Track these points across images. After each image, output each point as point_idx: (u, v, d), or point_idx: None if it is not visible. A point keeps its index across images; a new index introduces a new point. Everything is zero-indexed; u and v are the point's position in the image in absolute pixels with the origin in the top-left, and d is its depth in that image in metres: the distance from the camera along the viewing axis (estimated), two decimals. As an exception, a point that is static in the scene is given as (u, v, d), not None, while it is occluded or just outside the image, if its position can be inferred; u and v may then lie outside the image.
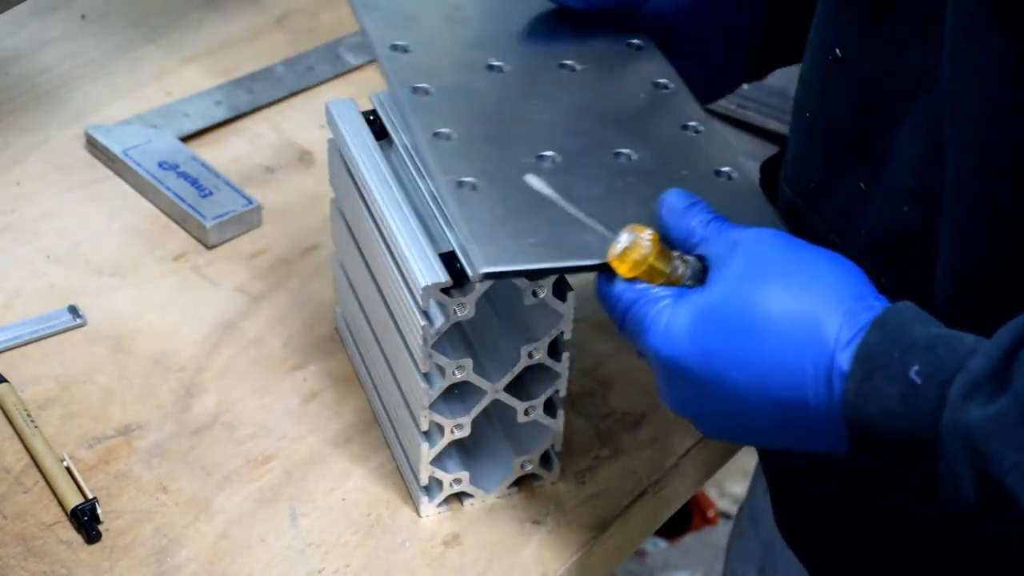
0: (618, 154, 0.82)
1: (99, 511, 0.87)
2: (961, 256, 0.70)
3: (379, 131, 0.90)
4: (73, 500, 0.87)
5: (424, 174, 0.84)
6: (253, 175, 1.15)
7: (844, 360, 0.66)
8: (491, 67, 0.87)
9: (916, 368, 0.65)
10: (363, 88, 1.24)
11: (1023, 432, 0.60)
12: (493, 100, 0.86)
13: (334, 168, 0.94)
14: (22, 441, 0.92)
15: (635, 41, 0.91)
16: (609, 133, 0.84)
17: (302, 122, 1.21)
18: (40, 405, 0.95)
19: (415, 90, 0.85)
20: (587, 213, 0.76)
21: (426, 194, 0.85)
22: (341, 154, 0.91)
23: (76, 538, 0.87)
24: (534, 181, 0.78)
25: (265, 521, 0.89)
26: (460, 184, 0.78)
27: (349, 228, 0.93)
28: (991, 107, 0.65)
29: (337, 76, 1.26)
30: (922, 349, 0.65)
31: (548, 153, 0.81)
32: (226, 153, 1.17)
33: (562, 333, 0.84)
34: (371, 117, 0.90)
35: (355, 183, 0.89)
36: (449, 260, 0.81)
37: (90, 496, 0.88)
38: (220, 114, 1.20)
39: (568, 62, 0.89)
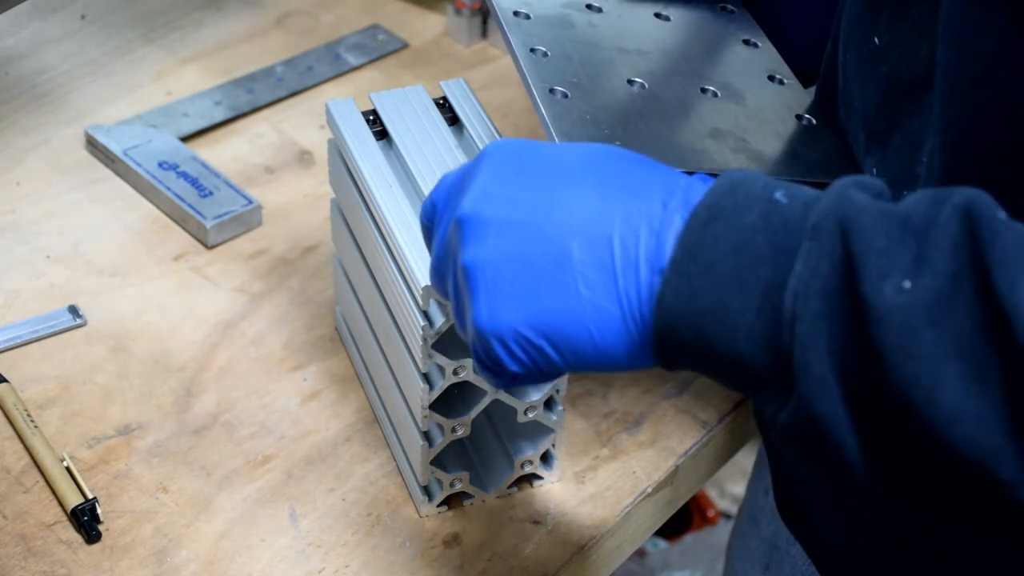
0: (704, 90, 0.87)
1: (99, 511, 0.87)
2: None
3: (379, 131, 0.90)
4: (73, 500, 0.87)
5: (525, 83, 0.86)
6: (253, 175, 1.15)
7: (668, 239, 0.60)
8: (590, 7, 0.92)
9: (781, 192, 0.60)
10: (363, 88, 1.24)
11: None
12: (589, 32, 0.90)
13: (334, 168, 0.94)
14: (22, 441, 0.92)
15: (729, 6, 0.96)
16: (697, 72, 0.88)
17: (302, 122, 1.21)
18: (40, 405, 0.95)
19: (516, 14, 0.89)
20: (664, 131, 0.82)
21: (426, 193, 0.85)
22: (341, 154, 0.92)
23: (76, 538, 0.87)
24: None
25: (265, 521, 0.89)
26: (552, 91, 0.82)
27: (349, 228, 0.93)
28: (995, 92, 0.65)
29: (337, 76, 1.26)
30: (784, 184, 0.61)
31: (637, 79, 0.86)
32: (226, 153, 1.17)
33: (562, 333, 0.84)
34: (371, 117, 0.91)
35: (355, 183, 0.89)
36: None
37: (90, 496, 0.88)
38: (220, 114, 1.20)
39: (663, 12, 0.94)
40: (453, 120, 0.91)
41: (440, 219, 0.68)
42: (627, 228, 0.61)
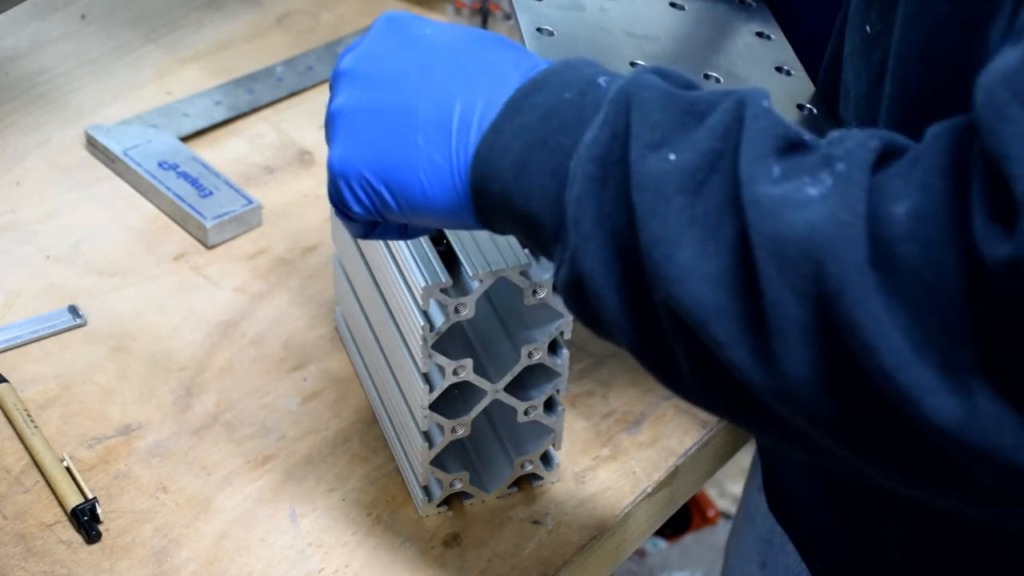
0: (707, 76, 0.87)
1: (99, 511, 0.87)
2: None
3: None
4: (73, 500, 0.87)
5: None
6: (253, 175, 1.15)
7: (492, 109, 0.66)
8: None
9: (605, 78, 0.65)
10: (363, 88, 1.24)
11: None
12: (599, 16, 0.90)
13: (334, 168, 0.94)
14: (22, 441, 0.92)
15: (748, 0, 0.96)
16: (703, 60, 0.89)
17: (302, 122, 1.21)
18: (40, 405, 0.95)
19: None
20: None
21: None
22: (341, 154, 0.91)
23: (76, 538, 0.87)
24: None
25: (265, 521, 0.89)
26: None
27: (349, 228, 0.93)
28: (930, 72, 0.67)
29: (337, 76, 1.26)
30: (614, 73, 0.65)
31: (640, 62, 0.86)
32: (226, 153, 1.17)
33: (562, 333, 0.84)
34: None
35: (355, 183, 0.89)
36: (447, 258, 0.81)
37: (90, 496, 0.88)
38: (220, 114, 1.20)
39: (679, 1, 0.94)
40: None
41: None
42: (469, 94, 0.67)
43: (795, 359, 0.56)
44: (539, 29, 0.86)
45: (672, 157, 0.60)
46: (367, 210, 0.70)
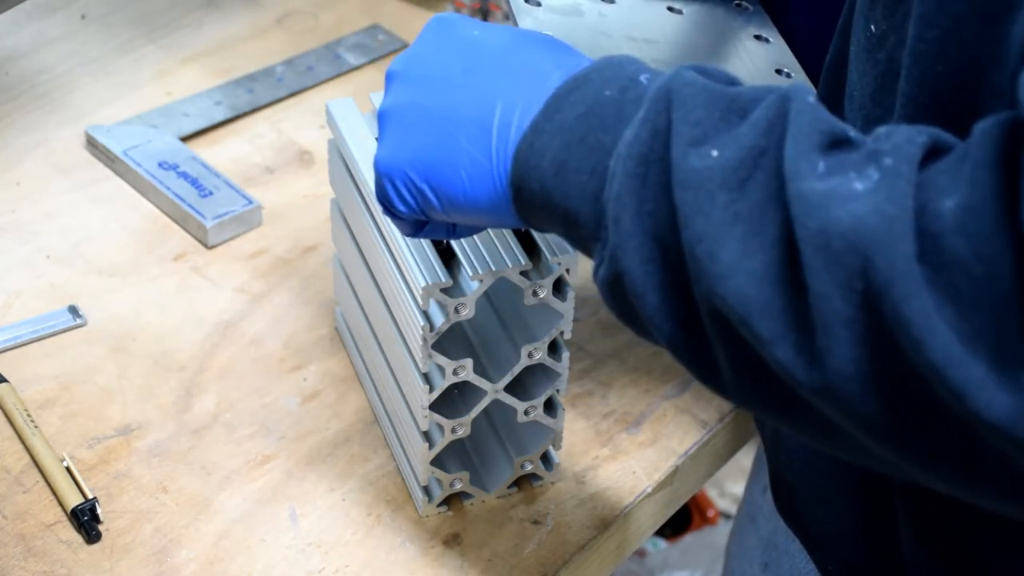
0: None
1: (99, 511, 0.87)
2: None
3: None
4: (73, 500, 0.87)
5: None
6: (253, 175, 1.15)
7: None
8: None
9: (647, 76, 0.65)
10: (363, 88, 1.24)
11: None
12: (598, 21, 0.90)
13: (334, 168, 0.94)
14: (22, 441, 0.92)
15: (744, 3, 0.96)
16: (702, 62, 0.88)
17: (302, 122, 1.21)
18: (40, 405, 0.95)
19: (527, 0, 0.90)
20: None
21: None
22: (341, 154, 0.92)
23: (76, 538, 0.87)
24: None
25: (265, 521, 0.89)
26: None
27: (349, 228, 0.93)
28: (948, 68, 0.67)
29: (337, 76, 1.26)
30: (656, 71, 0.65)
31: None
32: (226, 153, 1.17)
33: (562, 333, 0.84)
34: None
35: (355, 183, 0.89)
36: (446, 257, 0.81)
37: (90, 496, 0.88)
38: (220, 114, 1.20)
39: (676, 6, 0.94)
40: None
41: None
42: (511, 94, 0.68)
43: (841, 355, 0.56)
44: None
45: (715, 153, 0.59)
46: (411, 209, 0.71)
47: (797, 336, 0.57)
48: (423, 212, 0.71)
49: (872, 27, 0.78)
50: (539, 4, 0.89)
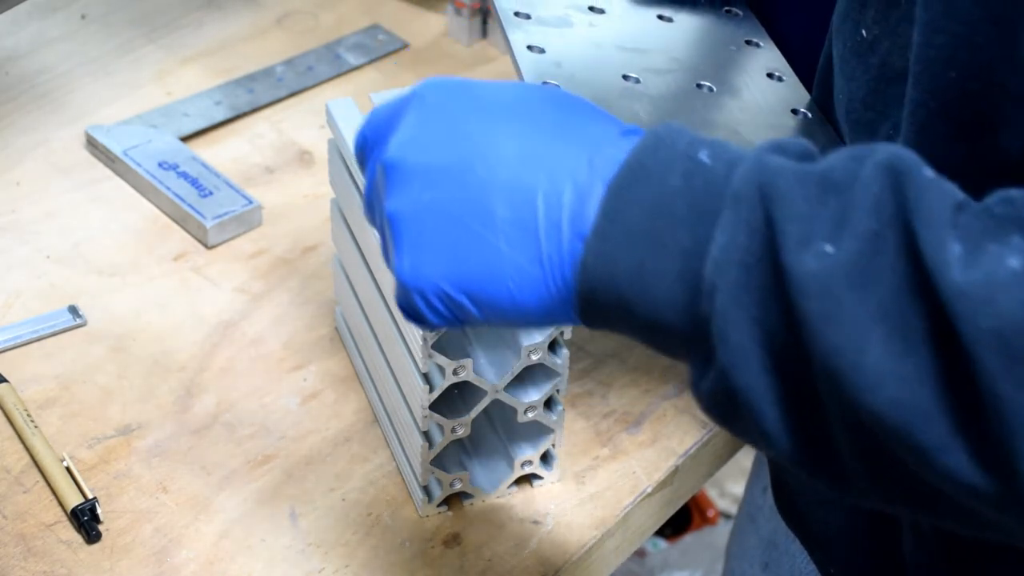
0: (700, 85, 0.88)
1: (99, 511, 0.87)
2: None
3: None
4: (73, 500, 0.87)
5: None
6: (253, 175, 1.15)
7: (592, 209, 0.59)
8: (592, 8, 0.93)
9: (706, 152, 0.58)
10: (363, 88, 1.24)
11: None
12: (588, 32, 0.91)
13: (334, 168, 0.94)
14: (22, 441, 0.92)
15: (735, 9, 0.97)
16: (694, 69, 0.90)
17: (302, 122, 1.21)
18: (40, 405, 0.95)
19: (516, 14, 0.90)
20: (654, 123, 0.83)
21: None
22: (341, 154, 0.92)
23: (76, 538, 0.87)
24: None
25: (265, 521, 0.89)
26: (545, 84, 0.83)
27: (349, 228, 0.93)
28: (960, 73, 0.65)
29: (337, 76, 1.26)
30: (710, 142, 0.59)
31: (632, 74, 0.87)
32: (226, 153, 1.17)
33: (562, 333, 0.84)
34: None
35: (355, 183, 0.89)
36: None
37: (90, 496, 0.88)
38: (220, 114, 1.20)
39: (666, 14, 0.94)
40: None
41: (370, 154, 0.67)
42: (552, 186, 0.60)
43: None
44: (530, 47, 0.86)
45: (829, 249, 0.54)
46: (446, 321, 0.64)
47: (973, 443, 0.52)
48: (460, 322, 0.64)
49: (863, 31, 0.77)
50: (528, 17, 0.90)
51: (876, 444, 0.54)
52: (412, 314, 0.65)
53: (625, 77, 0.86)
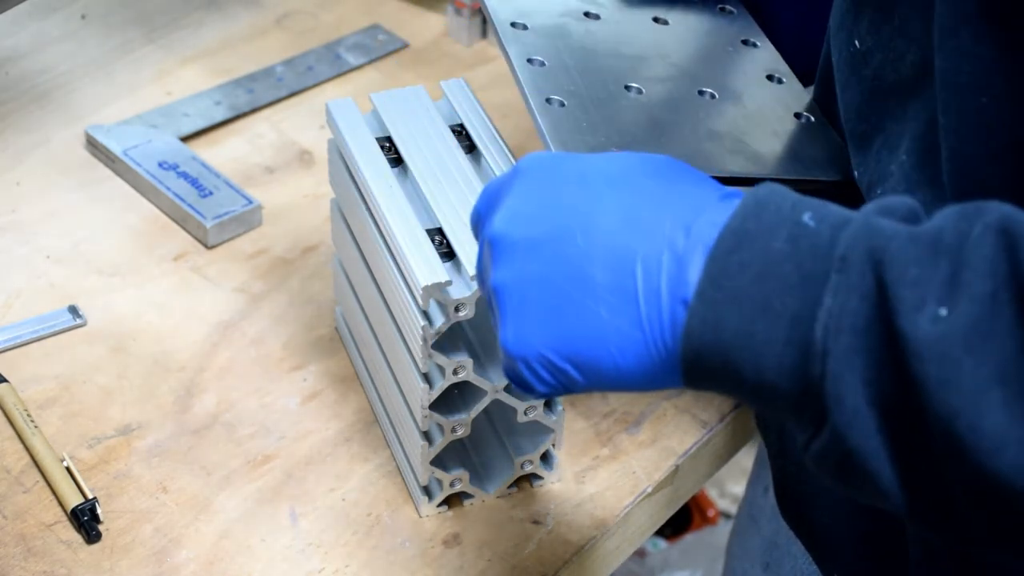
0: (702, 92, 0.87)
1: (99, 511, 0.87)
2: None
3: (394, 159, 0.89)
4: (73, 500, 0.88)
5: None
6: (253, 175, 1.15)
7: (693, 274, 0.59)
8: (587, 14, 0.92)
9: (809, 214, 0.59)
10: (363, 88, 1.24)
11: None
12: (586, 40, 0.90)
13: (334, 168, 0.94)
14: (22, 441, 0.92)
15: (728, 7, 0.97)
16: (695, 75, 0.89)
17: (302, 122, 1.21)
18: (40, 405, 0.95)
19: (513, 24, 0.89)
20: (660, 136, 0.83)
21: (426, 196, 0.85)
22: (341, 154, 0.92)
23: (76, 538, 0.87)
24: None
25: (265, 521, 0.89)
26: (548, 101, 0.83)
27: (349, 228, 0.93)
28: (993, 98, 0.65)
29: (337, 76, 1.26)
30: (813, 203, 0.59)
31: (634, 85, 0.86)
32: (226, 153, 1.17)
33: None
34: (386, 144, 0.90)
35: (355, 183, 0.89)
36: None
37: (90, 496, 0.88)
38: (220, 114, 1.20)
39: (662, 16, 0.94)
40: (459, 127, 0.91)
41: (481, 228, 0.69)
42: (650, 253, 0.61)
43: None
44: (530, 60, 0.86)
45: (943, 313, 0.54)
46: (552, 388, 0.65)
47: None
48: (566, 389, 0.65)
49: (856, 42, 0.77)
50: (525, 28, 0.89)
51: (998, 505, 0.54)
52: (519, 382, 0.66)
53: (627, 88, 0.86)
